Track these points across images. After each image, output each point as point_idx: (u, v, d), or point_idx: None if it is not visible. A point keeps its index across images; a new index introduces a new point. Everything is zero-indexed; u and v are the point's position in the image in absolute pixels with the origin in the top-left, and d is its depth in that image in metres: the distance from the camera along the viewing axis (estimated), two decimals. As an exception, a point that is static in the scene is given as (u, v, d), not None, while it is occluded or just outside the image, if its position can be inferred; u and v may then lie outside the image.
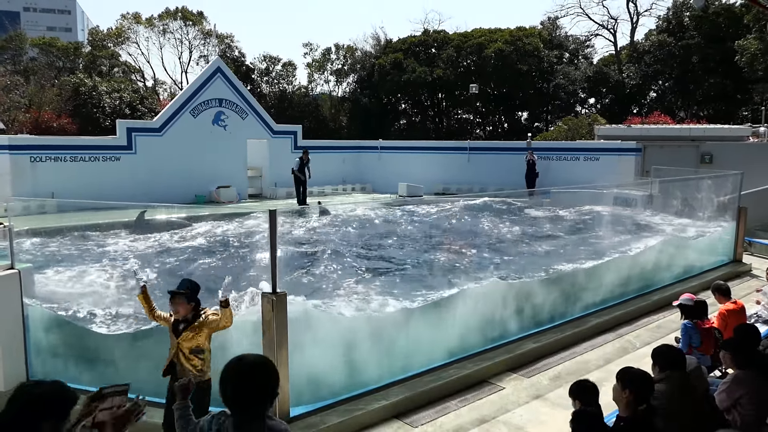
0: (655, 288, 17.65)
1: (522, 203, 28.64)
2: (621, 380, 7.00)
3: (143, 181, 32.57)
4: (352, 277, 16.25)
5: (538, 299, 13.93)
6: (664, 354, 7.93)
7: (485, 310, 12.55)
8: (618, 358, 12.49)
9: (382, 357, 10.72)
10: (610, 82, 68.53)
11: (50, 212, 27.83)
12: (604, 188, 27.02)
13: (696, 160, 36.16)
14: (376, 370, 10.55)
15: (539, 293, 14.02)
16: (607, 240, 19.64)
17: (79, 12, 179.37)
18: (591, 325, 14.25)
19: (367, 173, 45.50)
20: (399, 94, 74.87)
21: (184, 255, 18.97)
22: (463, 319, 12.11)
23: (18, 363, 10.27)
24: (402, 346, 11.12)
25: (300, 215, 24.58)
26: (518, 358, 12.10)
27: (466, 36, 73.63)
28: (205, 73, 37.81)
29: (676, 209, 24.26)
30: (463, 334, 12.05)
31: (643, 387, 6.91)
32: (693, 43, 62.05)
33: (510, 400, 10.51)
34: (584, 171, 38.20)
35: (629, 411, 6.87)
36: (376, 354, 10.64)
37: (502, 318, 12.87)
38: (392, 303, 13.22)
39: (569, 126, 54.88)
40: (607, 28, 77.50)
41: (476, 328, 12.33)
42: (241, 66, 73.54)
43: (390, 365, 10.79)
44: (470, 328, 12.20)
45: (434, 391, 10.48)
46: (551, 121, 73.03)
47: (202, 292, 8.31)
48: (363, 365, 10.41)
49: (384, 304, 13.31)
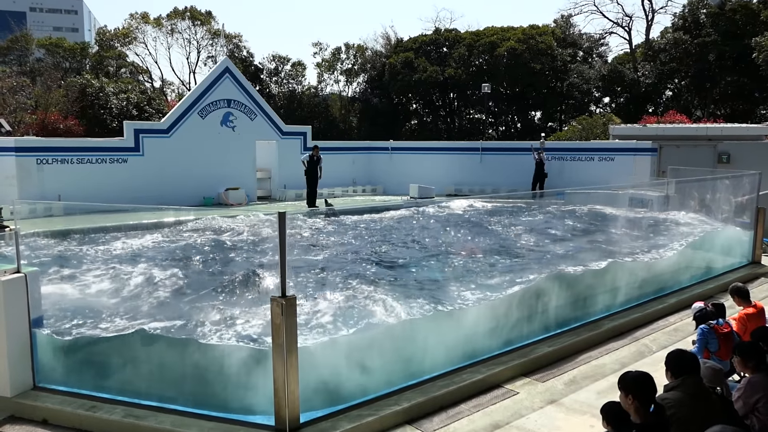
0: (672, 290, 17.60)
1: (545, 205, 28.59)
2: (622, 387, 6.99)
3: (151, 184, 32.62)
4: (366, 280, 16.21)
5: (554, 302, 13.90)
6: (677, 359, 7.82)
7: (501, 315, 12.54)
8: (634, 362, 12.41)
9: (393, 361, 10.70)
10: (625, 81, 68.45)
11: (57, 215, 27.90)
12: (619, 189, 26.95)
13: (713, 159, 36.05)
14: (387, 374, 10.53)
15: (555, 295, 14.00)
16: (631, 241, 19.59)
17: (86, 12, 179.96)
18: (606, 328, 14.18)
19: (378, 174, 45.42)
20: (410, 94, 74.98)
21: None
22: (474, 325, 12.10)
23: (25, 369, 10.27)
24: (413, 349, 11.10)
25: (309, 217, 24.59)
26: (532, 362, 12.03)
27: (478, 34, 73.69)
28: (213, 74, 37.81)
29: (693, 210, 24.16)
30: (475, 338, 12.03)
31: (644, 388, 6.89)
32: (709, 41, 61.83)
33: (524, 405, 10.46)
34: (599, 171, 38.13)
35: (640, 417, 6.84)
36: (388, 358, 10.63)
37: (517, 322, 12.85)
38: (402, 306, 13.18)
39: (583, 126, 54.80)
40: (621, 26, 77.50)
41: (488, 332, 12.31)
42: (250, 66, 73.77)
43: (401, 370, 10.77)
44: (481, 332, 12.18)
45: (447, 396, 10.43)
46: (565, 120, 72.91)
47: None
48: (374, 370, 10.39)
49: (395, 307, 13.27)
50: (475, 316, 12.11)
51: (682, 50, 63.73)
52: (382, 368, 10.43)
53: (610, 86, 69.73)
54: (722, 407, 7.66)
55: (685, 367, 7.66)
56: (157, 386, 9.97)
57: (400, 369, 10.71)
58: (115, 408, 9.55)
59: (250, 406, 9.52)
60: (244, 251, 19.69)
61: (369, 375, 10.23)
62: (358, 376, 10.11)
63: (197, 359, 9.95)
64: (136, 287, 15.16)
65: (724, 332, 10.85)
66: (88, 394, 10.07)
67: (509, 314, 12.64)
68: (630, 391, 6.85)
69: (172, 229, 22.61)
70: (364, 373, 10.18)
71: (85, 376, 10.49)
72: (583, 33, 78.90)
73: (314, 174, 33.72)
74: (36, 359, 10.47)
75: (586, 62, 73.42)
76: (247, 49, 76.76)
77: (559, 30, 75.57)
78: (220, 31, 75.60)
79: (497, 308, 12.49)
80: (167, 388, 9.89)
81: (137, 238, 21.34)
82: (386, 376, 10.45)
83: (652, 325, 15.09)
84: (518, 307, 12.87)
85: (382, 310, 12.44)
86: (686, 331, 14.22)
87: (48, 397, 10.02)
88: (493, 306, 12.52)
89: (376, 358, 10.40)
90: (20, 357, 10.21)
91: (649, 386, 6.95)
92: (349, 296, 13.70)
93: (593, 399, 10.49)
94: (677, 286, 17.95)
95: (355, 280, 15.38)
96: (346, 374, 10.01)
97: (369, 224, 25.79)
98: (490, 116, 75.84)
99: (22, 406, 9.92)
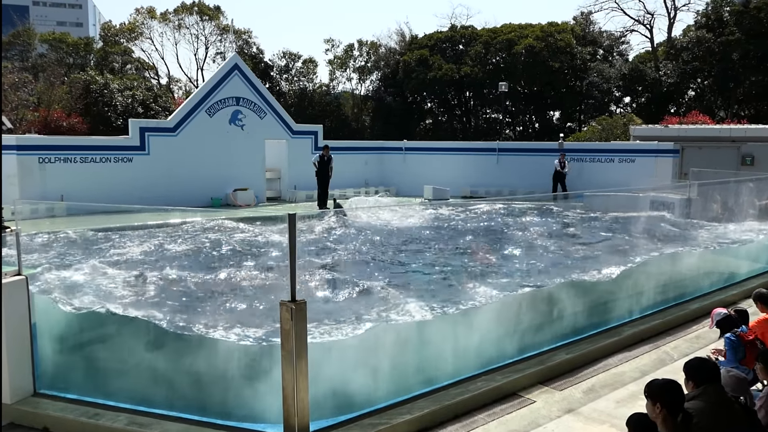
0: (694, 296, 17.55)
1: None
2: (649, 396, 6.91)
3: (156, 184, 32.54)
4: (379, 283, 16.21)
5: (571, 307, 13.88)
6: (697, 368, 7.70)
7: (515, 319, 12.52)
8: (655, 370, 12.37)
9: (406, 368, 10.70)
10: (646, 80, 68.25)
11: (59, 216, 27.92)
12: (639, 191, 26.91)
13: (737, 161, 36.06)
14: (400, 381, 10.52)
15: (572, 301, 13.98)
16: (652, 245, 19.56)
17: (91, 6, 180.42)
18: (626, 335, 14.14)
19: (391, 175, 45.41)
20: (424, 93, 74.98)
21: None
22: (491, 329, 12.09)
23: (25, 375, 10.26)
24: (425, 356, 11.09)
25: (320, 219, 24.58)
26: (550, 369, 12.00)
27: (495, 31, 73.68)
28: (221, 70, 37.83)
29: (716, 214, 24.11)
30: (492, 344, 12.02)
31: (672, 396, 6.82)
32: (733, 39, 61.66)
33: (541, 414, 10.43)
34: (619, 173, 38.03)
35: (668, 427, 6.78)
36: (401, 365, 10.62)
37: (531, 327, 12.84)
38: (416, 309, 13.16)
39: (603, 126, 54.81)
40: (643, 24, 77.36)
41: (505, 337, 12.29)
42: (260, 63, 73.89)
43: (415, 377, 10.76)
44: (498, 338, 12.16)
45: (461, 405, 10.40)
46: (584, 120, 72.85)
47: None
48: (387, 377, 10.39)
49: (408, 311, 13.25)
50: (489, 319, 12.10)
51: (705, 49, 63.62)
52: (394, 375, 10.42)
53: (631, 86, 69.58)
54: (745, 417, 7.61)
55: (706, 376, 7.56)
56: (162, 393, 9.97)
57: (412, 376, 10.71)
58: (119, 415, 9.54)
59: (258, 413, 9.52)
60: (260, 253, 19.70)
61: (380, 382, 10.23)
62: (370, 384, 10.11)
63: (205, 364, 9.96)
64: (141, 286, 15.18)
65: (750, 340, 10.81)
66: (91, 401, 10.06)
67: (524, 319, 12.63)
68: (657, 399, 6.78)
69: (185, 230, 22.62)
70: (376, 381, 10.18)
71: (87, 381, 10.51)
72: (603, 30, 79.02)
73: (325, 174, 33.74)
74: (37, 364, 10.46)
75: (606, 61, 73.36)
76: (257, 45, 77.01)
77: (579, 27, 75.54)
78: (229, 27, 75.83)
79: (512, 312, 12.48)
80: (173, 394, 9.90)
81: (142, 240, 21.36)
82: (398, 383, 10.45)
83: (673, 332, 15.05)
84: (535, 311, 12.87)
85: (396, 315, 12.43)
86: (708, 339, 14.14)
87: (49, 404, 9.99)
88: (507, 309, 12.51)
89: (388, 365, 10.40)
90: (20, 362, 10.16)
91: (677, 394, 6.88)
92: (360, 299, 13.68)
93: (612, 408, 10.47)
94: (699, 291, 17.92)
95: (367, 283, 15.36)
96: (356, 381, 10.01)
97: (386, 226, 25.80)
98: (507, 116, 75.75)
99: (22, 414, 9.88)
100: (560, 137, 46.53)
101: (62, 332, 11.02)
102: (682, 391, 6.98)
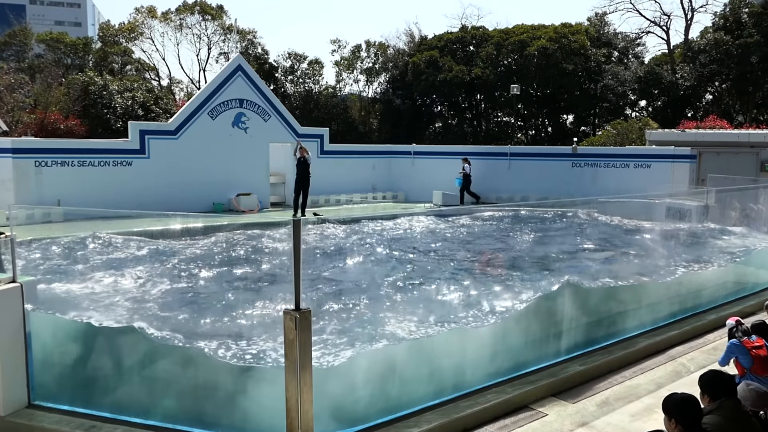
0: (710, 306, 17.52)
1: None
2: (666, 410, 6.87)
3: (157, 188, 32.49)
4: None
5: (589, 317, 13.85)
6: (712, 381, 7.62)
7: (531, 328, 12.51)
8: (671, 382, 12.35)
9: (414, 380, 10.67)
10: (662, 83, 68.02)
11: (56, 221, 27.94)
12: (655, 197, 26.88)
13: (755, 167, 35.95)
14: (407, 394, 10.49)
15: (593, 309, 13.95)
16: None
17: (90, 5, 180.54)
18: (641, 346, 14.12)
19: (399, 180, 45.35)
20: (434, 95, 74.74)
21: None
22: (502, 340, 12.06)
23: (19, 386, 10.25)
24: (434, 367, 11.07)
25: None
26: (562, 381, 11.98)
27: (507, 33, 73.53)
28: (224, 72, 37.76)
29: (734, 221, 24.08)
30: (500, 355, 11.99)
31: (689, 412, 6.75)
32: (752, 42, 61.42)
33: (553, 428, 10.41)
34: (634, 179, 38.04)
35: (684, 443, 6.75)
36: (408, 377, 10.60)
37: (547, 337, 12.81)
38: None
39: (618, 130, 54.74)
40: (659, 25, 77.12)
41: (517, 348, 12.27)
42: (264, 64, 73.86)
43: (423, 389, 10.74)
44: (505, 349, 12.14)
45: (470, 418, 10.38)
46: (599, 124, 72.64)
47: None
48: (394, 389, 10.36)
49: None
50: (499, 331, 12.08)
51: (723, 51, 63.43)
52: (401, 387, 10.40)
53: (647, 89, 69.32)
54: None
55: (723, 389, 7.51)
56: (160, 404, 9.95)
57: (420, 388, 10.68)
58: (116, 428, 9.53)
59: (261, 426, 9.49)
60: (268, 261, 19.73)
61: (387, 394, 10.21)
62: (377, 396, 10.09)
63: (204, 374, 9.93)
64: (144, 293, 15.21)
65: (756, 346, 10.73)
66: (87, 413, 10.04)
67: (534, 330, 12.61)
68: (673, 415, 6.73)
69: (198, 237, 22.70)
70: (383, 393, 10.16)
71: (84, 393, 10.48)
72: (618, 32, 78.63)
73: (306, 179, 33.16)
74: (32, 375, 10.45)
75: (621, 63, 73.17)
76: (261, 45, 76.96)
77: (593, 29, 75.32)
78: (232, 27, 75.90)
79: (521, 324, 12.46)
80: (171, 405, 9.88)
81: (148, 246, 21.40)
82: (405, 395, 10.43)
83: (689, 344, 15.03)
84: (545, 322, 12.84)
85: (402, 326, 12.42)
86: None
87: (44, 416, 9.99)
88: (517, 321, 12.49)
89: (395, 377, 10.38)
90: (15, 373, 10.16)
91: (695, 410, 6.81)
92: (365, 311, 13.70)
93: (627, 422, 10.45)
94: (715, 302, 17.89)
95: (372, 293, 15.37)
96: (362, 393, 9.99)
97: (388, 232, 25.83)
98: (520, 119, 75.75)
99: (16, 426, 9.87)
100: (573, 141, 46.54)
101: (58, 342, 10.99)
102: (699, 407, 6.92)
